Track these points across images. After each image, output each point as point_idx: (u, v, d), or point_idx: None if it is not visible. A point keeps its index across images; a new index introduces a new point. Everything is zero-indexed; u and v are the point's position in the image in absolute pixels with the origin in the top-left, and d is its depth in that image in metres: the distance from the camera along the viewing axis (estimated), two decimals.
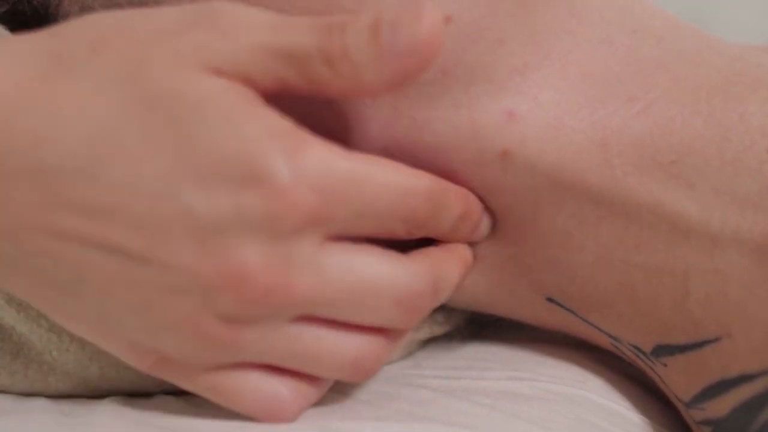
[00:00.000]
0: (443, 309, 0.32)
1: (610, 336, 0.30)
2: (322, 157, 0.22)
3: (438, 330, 0.33)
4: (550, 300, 0.30)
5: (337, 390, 0.29)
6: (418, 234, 0.25)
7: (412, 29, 0.22)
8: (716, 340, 0.27)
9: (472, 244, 0.29)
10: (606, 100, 0.28)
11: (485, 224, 0.29)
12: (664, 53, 0.29)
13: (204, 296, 0.22)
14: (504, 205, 0.29)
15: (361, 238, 0.24)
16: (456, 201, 0.27)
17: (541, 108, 0.27)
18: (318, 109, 0.27)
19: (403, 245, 0.26)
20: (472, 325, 0.35)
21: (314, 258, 0.23)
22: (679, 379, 0.29)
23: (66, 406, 0.28)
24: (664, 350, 0.29)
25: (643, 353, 0.30)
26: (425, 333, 0.33)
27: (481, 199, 0.29)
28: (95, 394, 0.29)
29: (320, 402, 0.28)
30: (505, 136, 0.27)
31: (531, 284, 0.30)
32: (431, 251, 0.26)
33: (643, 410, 0.31)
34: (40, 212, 0.22)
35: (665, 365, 0.29)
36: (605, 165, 0.28)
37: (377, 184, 0.23)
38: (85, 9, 0.27)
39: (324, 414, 0.28)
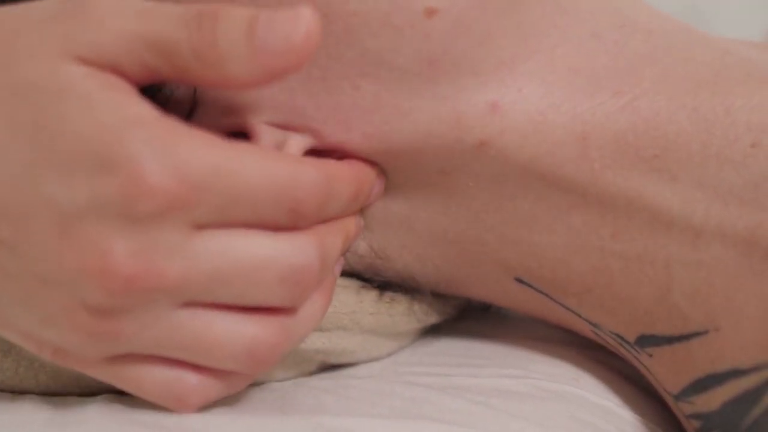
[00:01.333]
0: (426, 297, 0.32)
1: (590, 322, 0.30)
2: (186, 144, 0.22)
3: (426, 320, 0.33)
4: (519, 281, 0.30)
5: (328, 387, 0.29)
6: (306, 224, 0.24)
7: (290, 29, 0.22)
8: (704, 333, 0.27)
9: (421, 208, 0.29)
10: (592, 94, 0.28)
11: (377, 190, 0.28)
12: (653, 48, 0.29)
13: (72, 288, 0.22)
14: (458, 183, 0.28)
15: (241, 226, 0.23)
16: (346, 186, 0.26)
17: (525, 100, 0.27)
18: (296, 96, 0.27)
19: None
20: (463, 321, 0.35)
21: (182, 243, 0.22)
22: (666, 371, 0.29)
23: (57, 403, 0.28)
24: (648, 340, 0.29)
25: (627, 342, 0.30)
26: (413, 322, 0.32)
27: (436, 177, 0.28)
28: (86, 391, 0.29)
29: (312, 399, 0.28)
30: (486, 127, 0.27)
31: (494, 262, 0.30)
32: (322, 225, 0.25)
33: (636, 408, 0.31)
34: None
35: (650, 356, 0.29)
36: (582, 158, 0.28)
37: (246, 174, 0.22)
38: None
39: (316, 411, 0.28)
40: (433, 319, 0.33)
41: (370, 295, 0.31)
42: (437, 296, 0.33)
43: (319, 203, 0.24)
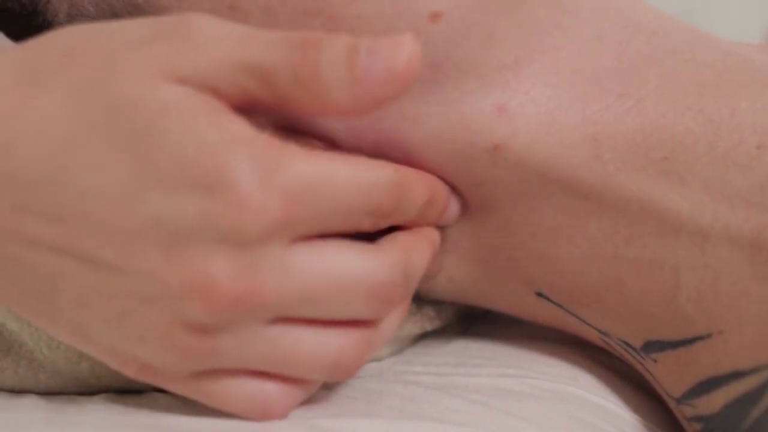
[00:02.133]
0: (435, 304, 0.32)
1: (600, 331, 0.30)
2: (286, 161, 0.22)
3: (430, 325, 0.33)
4: (539, 294, 0.30)
5: (327, 387, 0.29)
6: (385, 224, 0.25)
7: (391, 57, 0.22)
8: (708, 336, 0.27)
9: (442, 228, 0.29)
10: (598, 96, 0.28)
11: (453, 207, 0.29)
12: (656, 49, 0.29)
13: (173, 306, 0.22)
14: (493, 196, 0.29)
15: (328, 234, 0.24)
16: (420, 188, 0.27)
17: (533, 103, 0.27)
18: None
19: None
20: (463, 320, 0.35)
21: (281, 260, 0.22)
22: (669, 375, 0.29)
23: (56, 403, 0.28)
24: (654, 346, 0.29)
25: (633, 349, 0.30)
26: (417, 329, 0.33)
27: (470, 190, 0.28)
28: (86, 391, 0.29)
29: (310, 399, 0.28)
30: (496, 131, 0.27)
31: (520, 278, 0.30)
32: (399, 237, 0.26)
33: (635, 408, 0.31)
34: (11, 219, 0.22)
35: (655, 361, 0.29)
36: (596, 161, 0.28)
37: (339, 182, 0.23)
38: (74, 7, 0.27)
39: (314, 412, 0.28)
40: (436, 324, 0.33)
41: None
42: (442, 302, 0.33)
43: (395, 202, 0.25)
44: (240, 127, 0.22)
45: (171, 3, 0.26)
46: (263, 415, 0.25)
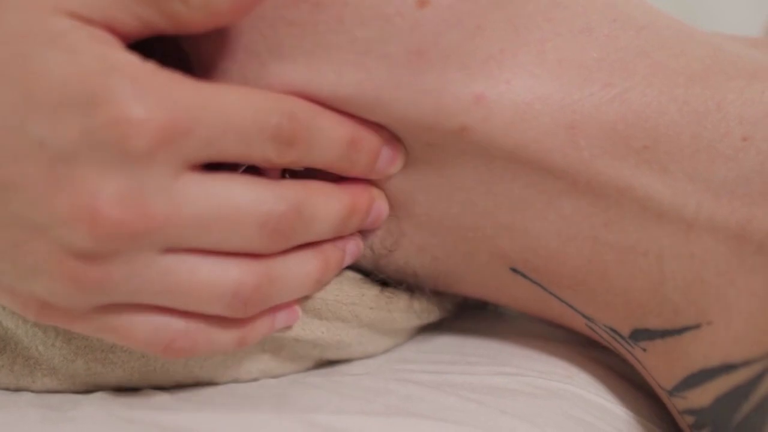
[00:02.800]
0: (431, 296, 0.33)
1: (584, 315, 0.30)
2: (167, 82, 0.22)
3: (426, 317, 0.33)
4: (514, 270, 0.30)
5: (322, 384, 0.29)
6: (293, 157, 0.25)
7: None
8: (696, 326, 0.28)
9: (390, 188, 0.29)
10: (581, 86, 0.28)
11: (387, 155, 0.28)
12: (645, 42, 0.29)
13: (61, 233, 0.22)
14: (451, 161, 0.28)
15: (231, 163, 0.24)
16: (335, 124, 0.26)
17: (512, 92, 0.27)
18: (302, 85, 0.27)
19: None
20: (458, 319, 0.35)
21: (169, 186, 0.22)
22: (660, 365, 0.29)
23: (52, 401, 0.28)
24: (642, 334, 0.29)
25: (621, 336, 0.30)
26: (414, 320, 0.33)
27: (421, 148, 0.28)
28: (82, 389, 0.29)
29: (307, 396, 0.29)
30: (466, 115, 0.27)
31: (491, 251, 0.30)
32: (305, 180, 0.26)
33: (630, 405, 0.31)
34: None
35: (644, 350, 0.29)
36: (571, 147, 0.28)
37: (228, 101, 0.23)
38: None
39: (311, 409, 0.28)
40: (431, 317, 0.33)
41: (372, 290, 0.31)
42: (436, 294, 0.33)
43: (299, 130, 0.24)
44: (125, 56, 0.22)
45: None
46: (167, 349, 0.25)
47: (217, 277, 0.24)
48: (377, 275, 0.31)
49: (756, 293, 0.27)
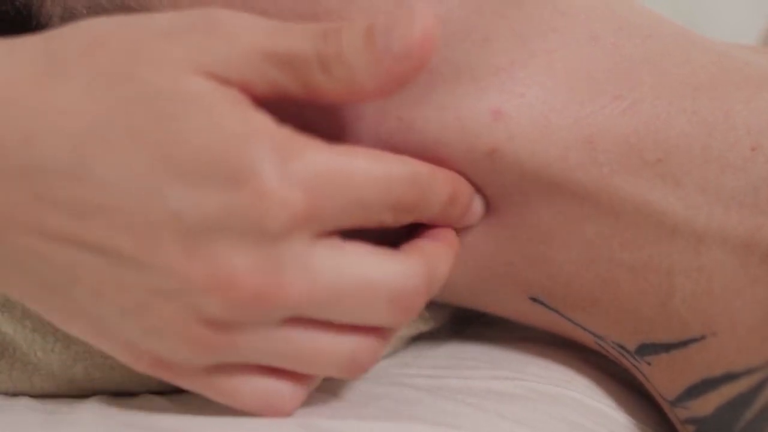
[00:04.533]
0: (430, 306, 0.32)
1: (594, 334, 0.30)
2: (308, 154, 0.22)
3: (424, 326, 0.33)
4: (533, 300, 0.30)
5: (321, 389, 0.29)
6: (407, 220, 0.25)
7: (406, 32, 0.22)
8: (701, 338, 0.27)
9: (463, 229, 0.29)
10: (592, 98, 0.28)
11: (478, 206, 0.29)
12: (650, 51, 0.29)
13: (193, 300, 0.22)
14: (492, 199, 0.29)
15: (351, 230, 0.24)
16: (443, 183, 0.27)
17: (528, 106, 0.27)
18: (306, 112, 0.27)
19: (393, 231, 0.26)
20: (457, 322, 0.35)
21: (304, 258, 0.22)
22: (663, 377, 0.29)
23: (50, 405, 0.28)
24: (648, 349, 0.29)
25: (628, 352, 0.30)
26: (412, 330, 0.33)
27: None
28: (80, 394, 0.29)
29: (305, 401, 0.29)
30: (492, 134, 0.27)
31: (515, 283, 0.30)
32: (422, 244, 0.26)
33: (628, 410, 0.31)
34: (29, 211, 0.22)
35: (649, 364, 0.29)
36: (592, 163, 0.28)
37: (362, 175, 0.23)
38: (67, 10, 0.27)
39: (308, 413, 0.28)
40: (431, 325, 0.33)
41: None
42: (436, 303, 0.33)
43: (418, 196, 0.25)
44: (262, 119, 0.22)
45: (163, 4, 0.26)
46: (272, 412, 0.25)
47: (335, 348, 0.24)
48: None
49: (760, 302, 0.26)
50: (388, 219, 0.24)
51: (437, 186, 0.26)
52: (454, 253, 0.27)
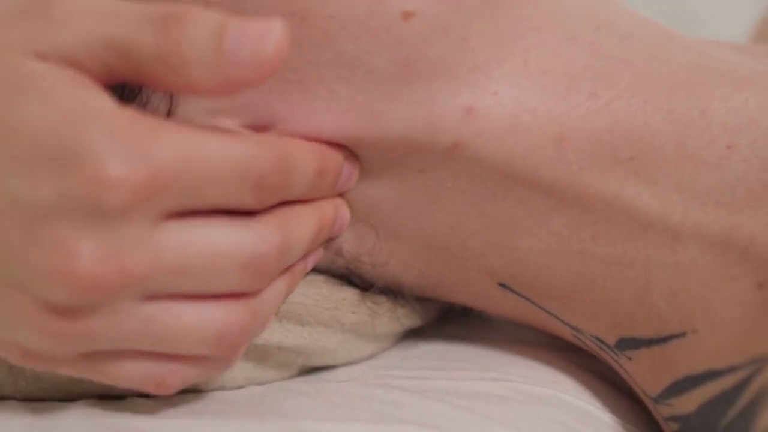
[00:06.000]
0: (414, 302, 0.33)
1: (571, 327, 0.30)
2: (146, 133, 0.21)
3: (407, 322, 0.33)
4: (502, 285, 0.30)
5: (307, 391, 0.29)
6: (273, 201, 0.24)
7: (259, 43, 0.21)
8: (682, 335, 0.28)
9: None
10: (567, 96, 0.28)
11: (348, 172, 0.28)
12: (629, 50, 0.29)
13: (37, 289, 0.22)
14: (439, 184, 0.28)
15: (210, 210, 0.23)
16: (309, 159, 0.26)
17: (500, 104, 0.28)
18: (270, 98, 0.27)
19: None
20: (442, 324, 0.35)
21: (146, 237, 0.22)
22: (645, 373, 0.29)
23: (36, 408, 0.28)
24: (628, 343, 0.29)
25: (607, 346, 0.30)
26: (395, 326, 0.33)
27: (411, 174, 0.28)
28: (66, 397, 0.29)
29: (291, 403, 0.29)
30: (459, 131, 0.27)
31: (479, 268, 0.30)
32: (280, 211, 0.25)
33: (615, 410, 0.31)
34: None
35: (630, 359, 0.29)
36: (560, 160, 0.28)
37: (211, 155, 0.22)
38: None
39: (296, 415, 0.28)
40: (415, 322, 0.33)
41: (353, 295, 0.31)
42: (420, 300, 0.33)
43: (281, 176, 0.24)
44: (102, 101, 0.21)
45: None
46: (158, 389, 0.25)
47: (202, 321, 0.24)
48: (359, 281, 0.31)
49: (739, 300, 0.27)
50: (251, 201, 0.23)
51: (302, 163, 0.25)
52: (323, 213, 0.27)
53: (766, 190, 0.27)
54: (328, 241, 0.30)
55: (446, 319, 0.36)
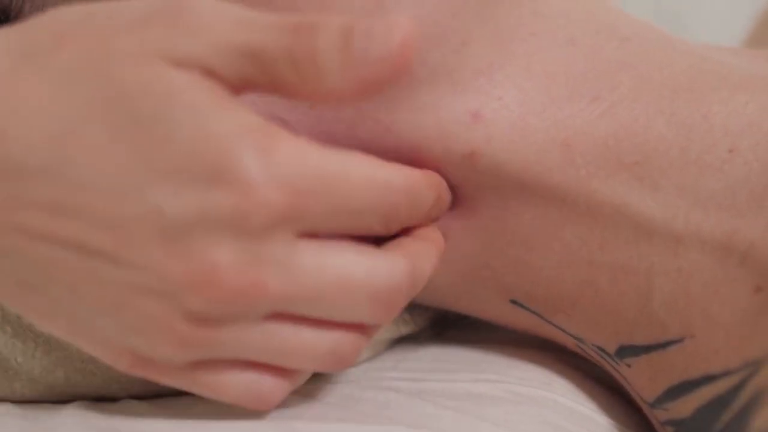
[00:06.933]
0: (410, 308, 0.33)
1: (575, 337, 0.30)
2: (294, 153, 0.22)
3: (405, 329, 0.33)
4: (513, 302, 0.30)
5: (302, 392, 0.29)
6: (397, 228, 0.25)
7: (386, 37, 0.22)
8: (680, 340, 0.28)
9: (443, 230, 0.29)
10: (570, 100, 0.28)
11: (448, 200, 0.28)
12: (629, 54, 0.29)
13: (173, 298, 0.22)
14: (472, 203, 0.29)
15: (337, 234, 0.24)
16: (430, 189, 0.26)
17: (506, 108, 0.28)
18: (282, 111, 0.27)
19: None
20: (438, 325, 0.35)
21: (286, 256, 0.22)
22: (643, 379, 0.29)
23: (31, 411, 0.28)
24: (628, 351, 0.29)
25: (608, 354, 0.30)
26: (392, 332, 0.33)
27: (454, 198, 0.29)
28: (61, 399, 0.29)
29: (285, 403, 0.29)
30: (471, 136, 0.27)
31: (495, 286, 0.30)
32: (406, 242, 0.26)
33: (609, 412, 0.31)
34: (6, 209, 0.21)
35: (629, 366, 0.29)
36: (569, 165, 0.28)
37: (353, 180, 0.23)
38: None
39: (289, 416, 0.28)
40: (411, 328, 0.33)
41: None
42: (416, 307, 0.33)
43: (410, 205, 0.25)
44: (247, 115, 0.22)
45: None
46: (256, 405, 0.25)
47: (318, 340, 0.24)
48: None
49: (737, 304, 0.26)
50: (378, 227, 0.24)
51: (427, 193, 0.26)
52: (439, 251, 0.27)
53: (767, 194, 0.26)
54: None
55: (441, 322, 0.35)
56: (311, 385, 0.31)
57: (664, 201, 0.27)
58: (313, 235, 0.23)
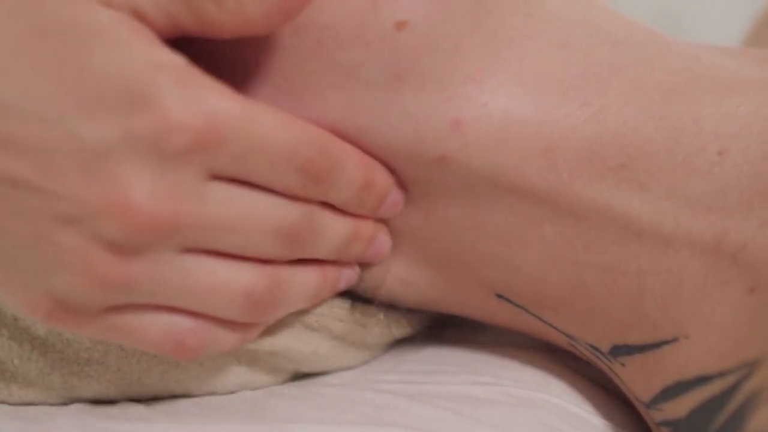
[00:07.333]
0: (403, 311, 0.33)
1: (567, 335, 0.30)
2: (211, 90, 0.23)
3: (399, 333, 0.33)
4: (499, 296, 0.30)
5: (300, 396, 0.29)
6: (317, 194, 0.26)
7: None
8: (674, 340, 0.28)
9: (385, 221, 0.29)
10: (558, 105, 0.28)
11: (396, 198, 0.29)
12: (621, 56, 0.29)
13: (91, 225, 0.22)
14: (436, 197, 0.29)
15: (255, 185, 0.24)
16: (355, 166, 0.27)
17: (489, 115, 0.27)
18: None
19: None
20: (433, 328, 0.35)
21: (199, 187, 0.23)
22: (637, 379, 0.29)
23: (28, 413, 0.28)
24: (621, 350, 0.29)
25: (601, 353, 0.30)
26: (386, 336, 0.33)
27: (410, 187, 0.29)
28: (58, 401, 0.29)
29: (283, 407, 0.29)
30: (445, 143, 0.27)
31: (477, 280, 0.30)
32: (323, 205, 0.26)
33: (605, 413, 0.31)
34: None
35: (623, 365, 0.29)
36: (550, 169, 0.28)
37: (266, 123, 0.24)
38: None
39: (287, 419, 0.28)
40: (406, 332, 0.33)
41: (343, 303, 0.31)
42: (411, 310, 0.33)
43: (326, 167, 0.25)
44: (171, 54, 0.23)
45: None
46: (176, 349, 0.25)
47: (233, 280, 0.25)
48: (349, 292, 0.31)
49: (730, 305, 0.26)
50: (295, 184, 0.25)
51: (348, 166, 0.26)
52: (360, 230, 0.28)
53: (757, 196, 0.26)
54: (366, 266, 0.30)
55: (438, 324, 0.36)
56: (307, 388, 0.31)
57: (652, 203, 0.27)
58: (227, 178, 0.24)
